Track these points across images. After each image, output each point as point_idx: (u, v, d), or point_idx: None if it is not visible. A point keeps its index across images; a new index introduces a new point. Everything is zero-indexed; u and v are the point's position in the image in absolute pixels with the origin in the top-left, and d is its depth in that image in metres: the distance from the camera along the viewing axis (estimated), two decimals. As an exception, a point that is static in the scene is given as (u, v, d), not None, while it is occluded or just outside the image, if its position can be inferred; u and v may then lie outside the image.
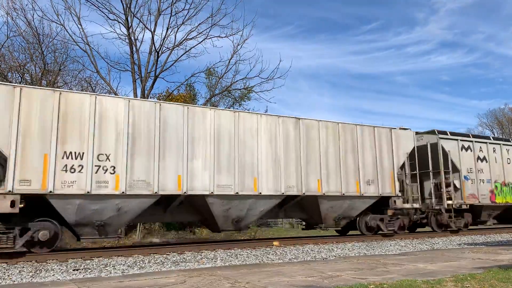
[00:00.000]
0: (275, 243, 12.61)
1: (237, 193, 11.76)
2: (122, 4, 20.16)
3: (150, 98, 21.97)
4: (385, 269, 7.78)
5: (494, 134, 48.68)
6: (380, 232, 14.91)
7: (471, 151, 17.35)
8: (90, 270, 8.20)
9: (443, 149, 16.42)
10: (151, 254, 10.42)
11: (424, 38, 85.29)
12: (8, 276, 7.63)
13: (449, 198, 16.21)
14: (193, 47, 21.61)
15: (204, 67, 33.70)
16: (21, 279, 7.44)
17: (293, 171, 12.78)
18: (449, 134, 17.11)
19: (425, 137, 16.79)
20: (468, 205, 16.61)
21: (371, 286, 5.89)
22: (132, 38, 20.50)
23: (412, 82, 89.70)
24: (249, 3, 43.82)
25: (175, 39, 21.23)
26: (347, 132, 14.10)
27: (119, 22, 20.41)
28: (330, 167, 13.48)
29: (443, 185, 16.11)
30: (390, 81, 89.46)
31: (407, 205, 15.18)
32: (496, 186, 17.69)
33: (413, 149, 15.55)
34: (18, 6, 19.37)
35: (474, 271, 7.25)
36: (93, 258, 9.70)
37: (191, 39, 21.30)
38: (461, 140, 17.13)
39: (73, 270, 8.21)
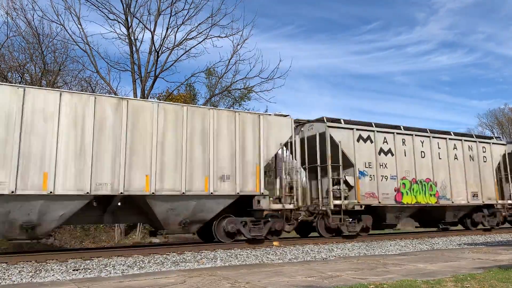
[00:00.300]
0: (275, 243, 12.61)
1: (12, 192, 9.17)
2: (122, 4, 20.18)
3: (150, 98, 21.98)
4: (385, 269, 7.78)
5: (494, 134, 48.70)
6: (240, 239, 12.51)
7: (372, 142, 14.74)
8: (90, 270, 8.20)
9: (332, 139, 13.96)
10: (151, 254, 10.42)
11: (424, 38, 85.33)
12: (8, 276, 7.63)
13: (339, 198, 13.89)
14: (193, 47, 21.63)
15: (204, 67, 33.71)
16: (21, 279, 7.43)
17: (108, 165, 10.25)
18: (343, 122, 14.58)
19: (315, 126, 14.51)
20: (363, 206, 14.07)
21: (371, 286, 5.89)
22: (132, 38, 20.51)
23: (412, 82, 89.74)
24: (249, 3, 43.84)
25: (175, 39, 21.25)
26: (196, 117, 11.63)
27: (119, 22, 20.43)
28: (167, 160, 10.99)
29: (330, 182, 13.80)
30: (390, 81, 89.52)
31: (276, 206, 12.77)
32: (403, 184, 15.10)
33: (292, 138, 13.44)
34: (18, 6, 19.39)
35: (474, 271, 7.25)
36: (93, 258, 9.69)
37: (191, 39, 21.32)
38: (358, 129, 14.51)
39: (73, 270, 8.20)
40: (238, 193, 11.90)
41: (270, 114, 13.18)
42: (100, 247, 12.87)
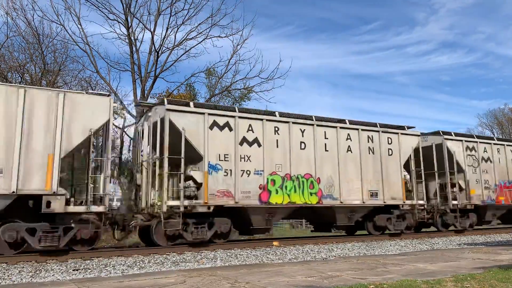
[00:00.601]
0: (275, 243, 12.60)
1: None
2: (122, 4, 20.15)
3: (150, 98, 21.98)
4: (385, 269, 7.78)
5: (494, 134, 48.68)
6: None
7: (231, 130, 12.14)
8: (90, 270, 8.20)
9: (172, 125, 11.43)
10: (151, 254, 10.42)
11: (424, 38, 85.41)
12: (8, 276, 7.63)
13: (183, 197, 11.15)
14: (193, 47, 21.59)
15: (204, 67, 33.66)
16: (21, 279, 7.44)
17: None
18: (192, 106, 12.05)
19: (159, 110, 12.06)
20: (211, 207, 11.51)
21: (371, 286, 5.89)
22: (132, 38, 20.48)
23: (412, 82, 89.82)
24: (250, 3, 43.86)
25: (175, 39, 21.22)
26: None
27: (119, 22, 20.40)
28: None
29: (165, 178, 11.22)
30: (390, 81, 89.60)
31: (73, 208, 9.84)
32: (273, 180, 12.41)
33: (108, 120, 10.55)
34: (18, 6, 19.38)
35: (474, 271, 7.26)
36: (93, 258, 9.69)
37: (191, 39, 21.29)
38: (211, 114, 11.93)
39: (73, 270, 8.21)
40: (13, 191, 9.17)
41: (78, 93, 10.68)
42: (100, 247, 12.85)
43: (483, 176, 17.51)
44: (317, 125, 13.62)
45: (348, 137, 14.21)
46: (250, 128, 12.46)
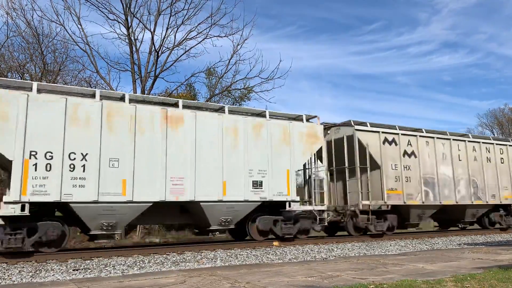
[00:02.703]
0: (275, 243, 12.60)
1: None
2: (122, 4, 20.16)
3: (150, 98, 21.93)
4: (385, 269, 7.78)
5: (494, 134, 48.69)
6: None
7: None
8: (90, 270, 8.20)
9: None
10: (151, 254, 10.42)
11: (426, 38, 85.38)
12: (8, 276, 7.63)
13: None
14: (193, 47, 21.60)
15: (204, 67, 33.74)
16: (21, 279, 7.44)
17: None
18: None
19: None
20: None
21: (371, 286, 5.89)
22: (132, 38, 20.49)
23: (413, 82, 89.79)
24: (250, 3, 43.84)
25: (175, 39, 21.23)
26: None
27: (119, 22, 20.41)
28: None
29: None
30: (392, 81, 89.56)
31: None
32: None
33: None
34: (18, 6, 19.38)
35: (474, 271, 7.25)
36: (93, 258, 9.70)
37: (191, 39, 21.30)
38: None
39: (73, 270, 8.21)
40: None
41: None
42: (100, 247, 12.86)
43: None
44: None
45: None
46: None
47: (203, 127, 11.97)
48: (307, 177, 14.25)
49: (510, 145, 19.08)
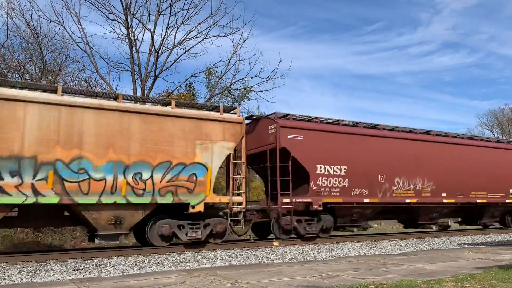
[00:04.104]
0: (275, 243, 12.60)
1: None
2: (122, 4, 20.14)
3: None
4: (385, 269, 7.78)
5: (494, 135, 48.69)
6: None
7: None
8: (90, 270, 8.20)
9: None
10: (151, 254, 10.41)
11: (427, 38, 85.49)
12: (8, 276, 7.63)
13: None
14: (193, 46, 21.57)
15: (204, 67, 33.73)
16: (21, 279, 7.44)
17: None
18: None
19: None
20: None
21: (371, 286, 5.90)
22: (132, 38, 20.47)
23: (414, 82, 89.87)
24: (251, 3, 43.87)
25: (174, 39, 21.21)
26: None
27: (118, 22, 20.39)
28: None
29: None
30: (393, 81, 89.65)
31: None
32: None
33: None
34: (17, 6, 19.39)
35: (474, 271, 7.26)
36: (93, 258, 9.69)
37: (190, 39, 21.28)
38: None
39: (73, 270, 8.21)
40: None
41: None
42: (100, 247, 12.85)
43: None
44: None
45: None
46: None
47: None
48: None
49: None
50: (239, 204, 11.95)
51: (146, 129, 10.75)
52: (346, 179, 13.64)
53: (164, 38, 20.82)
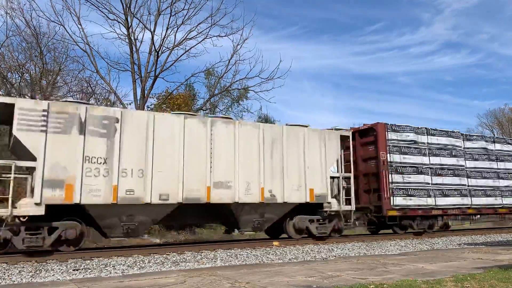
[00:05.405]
0: (275, 243, 12.60)
1: None
2: (122, 4, 20.16)
3: (150, 98, 21.99)
4: (385, 269, 7.78)
5: (494, 135, 48.67)
6: None
7: None
8: (90, 270, 8.20)
9: None
10: (151, 254, 10.42)
11: (427, 39, 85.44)
12: (8, 276, 7.63)
13: None
14: (193, 47, 21.59)
15: (204, 67, 33.72)
16: (21, 279, 7.44)
17: None
18: None
19: None
20: None
21: (371, 286, 5.90)
22: (132, 38, 20.49)
23: (415, 82, 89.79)
24: (251, 3, 43.86)
25: (175, 39, 21.23)
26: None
27: (119, 22, 20.41)
28: None
29: None
30: (393, 81, 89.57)
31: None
32: None
33: None
34: (16, 5, 19.38)
35: (474, 271, 7.25)
36: (93, 258, 9.69)
37: (191, 39, 21.30)
38: None
39: (73, 270, 8.21)
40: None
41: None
42: (100, 247, 12.86)
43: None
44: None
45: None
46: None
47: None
48: None
49: None
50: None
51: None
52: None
53: (164, 38, 20.85)
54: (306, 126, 13.58)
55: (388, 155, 15.08)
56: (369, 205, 15.36)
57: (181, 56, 21.59)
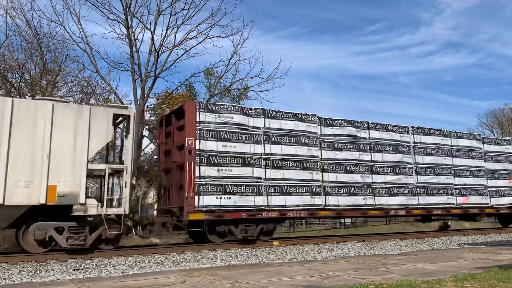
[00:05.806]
0: (275, 243, 12.60)
1: None
2: (122, 4, 20.12)
3: (150, 98, 21.97)
4: (385, 269, 7.78)
5: (494, 135, 48.65)
6: None
7: None
8: (90, 270, 8.20)
9: None
10: (151, 254, 10.42)
11: (428, 39, 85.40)
12: (8, 276, 7.63)
13: None
14: (193, 47, 21.54)
15: (204, 67, 33.69)
16: (21, 279, 7.44)
17: None
18: None
19: None
20: None
21: (371, 286, 5.90)
22: (132, 38, 20.45)
23: (415, 82, 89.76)
24: (252, 4, 43.85)
25: (175, 39, 21.19)
26: None
27: (119, 22, 20.36)
28: None
29: None
30: (393, 81, 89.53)
31: None
32: None
33: None
34: (17, 5, 19.38)
35: (474, 271, 7.25)
36: (93, 258, 9.69)
37: (191, 39, 21.26)
38: None
39: (73, 270, 8.21)
40: None
41: None
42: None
43: None
44: None
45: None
46: None
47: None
48: None
49: None
50: None
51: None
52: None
53: (164, 38, 20.80)
54: (55, 100, 10.43)
55: (198, 141, 11.67)
56: (172, 207, 12.27)
57: (181, 56, 21.56)
